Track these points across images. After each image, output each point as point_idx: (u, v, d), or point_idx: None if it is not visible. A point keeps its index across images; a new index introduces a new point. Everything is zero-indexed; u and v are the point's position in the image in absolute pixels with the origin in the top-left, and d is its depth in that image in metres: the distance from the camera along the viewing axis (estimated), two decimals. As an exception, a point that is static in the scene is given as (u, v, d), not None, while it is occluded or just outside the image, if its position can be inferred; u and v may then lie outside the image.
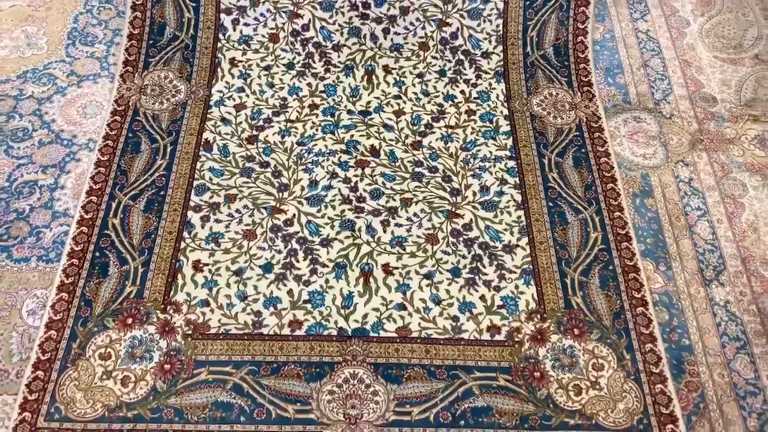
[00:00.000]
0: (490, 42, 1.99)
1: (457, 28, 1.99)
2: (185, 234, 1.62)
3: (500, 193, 1.74)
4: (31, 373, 1.38)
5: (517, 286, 1.56)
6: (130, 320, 1.46)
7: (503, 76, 1.97)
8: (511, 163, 1.80)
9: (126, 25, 1.94)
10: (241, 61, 1.94)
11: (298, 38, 1.95)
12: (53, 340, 1.42)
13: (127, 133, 1.79)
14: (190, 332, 1.45)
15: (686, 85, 2.01)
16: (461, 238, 1.65)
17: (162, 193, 1.68)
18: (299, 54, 1.96)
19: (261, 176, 1.74)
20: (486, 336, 1.48)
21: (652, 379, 1.42)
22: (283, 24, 1.96)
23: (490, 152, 1.83)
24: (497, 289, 1.56)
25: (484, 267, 1.59)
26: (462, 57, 1.99)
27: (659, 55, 2.09)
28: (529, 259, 1.61)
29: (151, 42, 1.94)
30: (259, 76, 1.93)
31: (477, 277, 1.57)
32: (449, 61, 1.98)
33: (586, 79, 1.97)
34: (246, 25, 1.96)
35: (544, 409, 1.38)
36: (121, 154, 1.74)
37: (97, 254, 1.56)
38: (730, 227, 1.71)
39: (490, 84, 1.96)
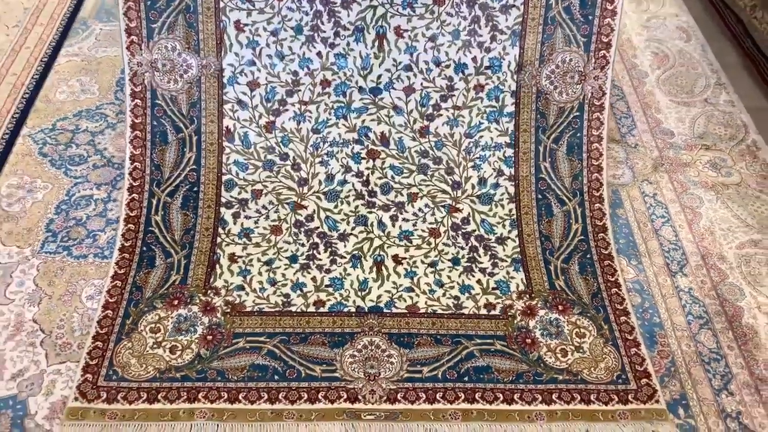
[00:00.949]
0: None
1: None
2: (220, 230, 1.82)
3: (496, 186, 1.93)
4: (91, 343, 1.58)
5: (508, 272, 1.80)
6: (176, 302, 1.67)
7: (519, 36, 1.88)
8: (510, 152, 1.91)
9: None
10: (247, 25, 1.85)
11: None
12: (109, 318, 1.63)
13: (152, 121, 1.85)
14: (228, 311, 1.66)
15: (647, 122, 2.35)
16: (460, 232, 1.88)
17: (195, 189, 1.86)
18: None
19: (282, 170, 1.91)
20: (483, 311, 1.70)
21: (627, 344, 1.65)
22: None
23: (492, 138, 1.93)
24: (491, 274, 1.79)
25: (480, 257, 1.84)
26: (479, 12, 1.85)
27: (623, 99, 2.43)
28: (519, 249, 1.85)
29: (149, 2, 1.80)
30: (267, 45, 1.86)
31: (474, 265, 1.82)
32: (464, 18, 1.85)
33: (606, 40, 1.87)
34: None
35: (536, 368, 1.59)
36: (151, 146, 1.84)
37: (144, 249, 1.76)
38: (690, 231, 1.99)
39: (504, 47, 1.88)
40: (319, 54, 1.87)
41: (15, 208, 1.89)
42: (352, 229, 1.87)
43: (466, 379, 1.56)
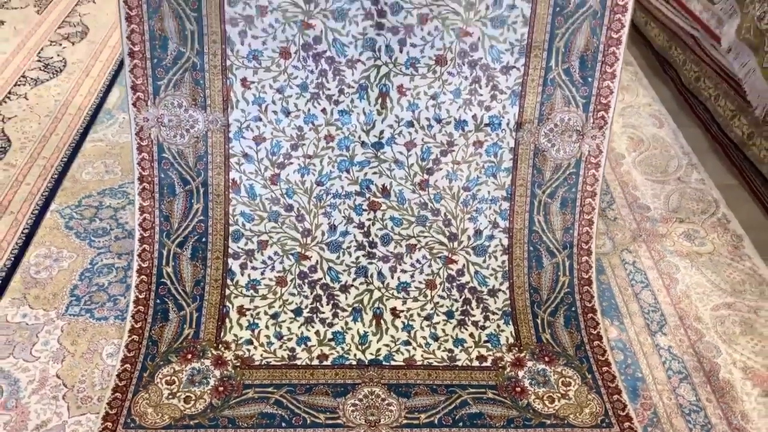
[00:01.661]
0: (512, 54, 1.89)
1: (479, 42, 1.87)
2: (228, 281, 1.94)
3: (491, 237, 2.03)
4: (111, 394, 1.69)
5: (498, 326, 1.92)
6: (189, 356, 1.79)
7: (519, 96, 1.93)
8: (506, 205, 2.00)
9: (124, 41, 1.81)
10: (254, 82, 1.89)
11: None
12: (128, 371, 1.74)
13: (159, 174, 1.90)
14: (238, 364, 1.77)
15: (625, 198, 2.55)
16: (455, 284, 2.00)
17: (203, 240, 1.96)
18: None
19: (287, 220, 2.00)
20: (476, 363, 1.82)
21: (609, 391, 1.76)
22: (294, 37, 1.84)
23: (489, 192, 2.00)
24: (483, 327, 1.91)
25: (472, 309, 1.96)
26: (480, 73, 1.90)
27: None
28: (509, 302, 1.97)
29: (155, 61, 1.84)
30: (273, 102, 1.90)
31: (467, 318, 1.93)
32: (465, 78, 1.91)
33: (605, 101, 1.91)
34: (254, 37, 1.85)
35: (525, 414, 1.69)
36: (160, 198, 1.91)
37: (158, 301, 1.88)
38: (668, 295, 2.14)
39: (504, 106, 1.93)
40: (323, 110, 1.92)
41: (42, 275, 2.05)
42: (353, 280, 2.00)
43: (460, 424, 1.66)
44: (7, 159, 2.54)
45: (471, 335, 1.90)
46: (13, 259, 2.10)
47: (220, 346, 1.83)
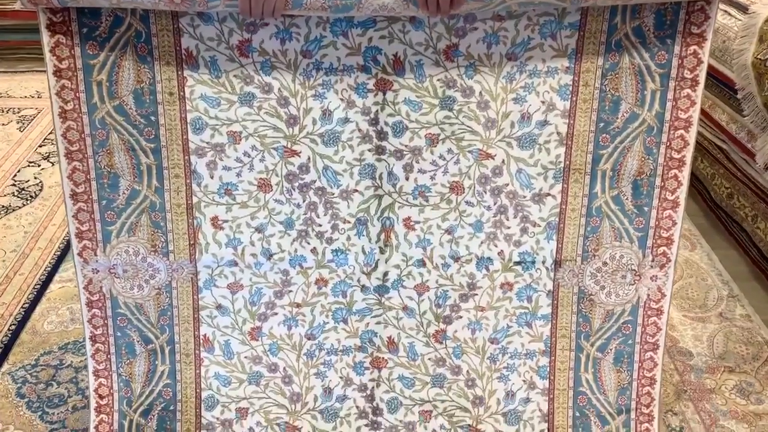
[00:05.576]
0: (545, 179, 1.60)
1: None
2: None
3: (526, 401, 1.73)
4: None
5: None
6: None
7: (556, 229, 1.63)
8: (544, 361, 1.69)
9: (64, 181, 1.54)
10: (227, 221, 1.63)
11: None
12: None
13: (115, 332, 1.66)
14: None
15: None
16: None
17: (171, 408, 1.69)
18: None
19: (270, 383, 1.73)
20: None
21: None
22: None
23: (522, 344, 1.70)
24: None
25: None
26: (506, 202, 1.61)
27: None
28: None
29: (104, 203, 1.57)
30: (252, 243, 1.65)
31: None
32: (488, 209, 1.61)
33: (666, 235, 1.61)
34: (226, 169, 1.60)
35: None
36: (117, 360, 1.66)
37: None
38: (729, 473, 1.79)
39: (537, 241, 1.64)
40: (314, 250, 1.64)
41: (-21, 471, 1.74)
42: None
43: None
44: (-38, 307, 2.27)
45: None
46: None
47: None
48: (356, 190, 1.59)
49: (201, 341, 1.68)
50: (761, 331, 2.29)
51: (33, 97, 4.03)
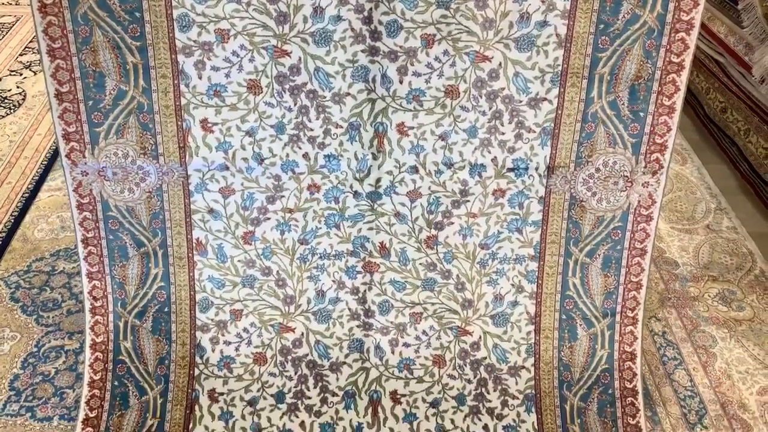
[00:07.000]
0: (542, 83, 1.55)
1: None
2: (197, 359, 1.69)
3: (514, 304, 1.76)
4: None
5: (518, 414, 1.68)
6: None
7: (551, 134, 1.60)
8: (533, 266, 1.71)
9: (47, 80, 1.48)
10: (217, 124, 1.58)
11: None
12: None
13: (107, 235, 1.63)
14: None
15: (650, 252, 2.26)
16: (468, 360, 1.75)
17: (166, 309, 1.70)
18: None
19: (264, 286, 1.73)
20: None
21: None
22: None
23: (512, 250, 1.71)
24: (500, 417, 1.67)
25: (488, 393, 1.70)
26: (501, 107, 1.57)
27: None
28: (533, 382, 1.71)
29: (90, 103, 1.52)
30: (243, 147, 1.61)
31: (481, 405, 1.69)
32: (483, 114, 1.58)
33: (660, 141, 1.58)
34: (215, 69, 1.52)
35: None
36: (110, 263, 1.66)
37: (116, 383, 1.63)
38: (706, 375, 1.85)
39: (531, 147, 1.61)
40: (305, 155, 1.61)
41: (-22, 365, 1.76)
42: (346, 356, 1.75)
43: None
44: (-51, 214, 2.25)
45: (485, 427, 1.62)
46: (-55, 341, 1.81)
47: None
48: (349, 94, 1.54)
49: (194, 245, 1.67)
50: (746, 242, 2.32)
51: (11, 4, 3.88)
